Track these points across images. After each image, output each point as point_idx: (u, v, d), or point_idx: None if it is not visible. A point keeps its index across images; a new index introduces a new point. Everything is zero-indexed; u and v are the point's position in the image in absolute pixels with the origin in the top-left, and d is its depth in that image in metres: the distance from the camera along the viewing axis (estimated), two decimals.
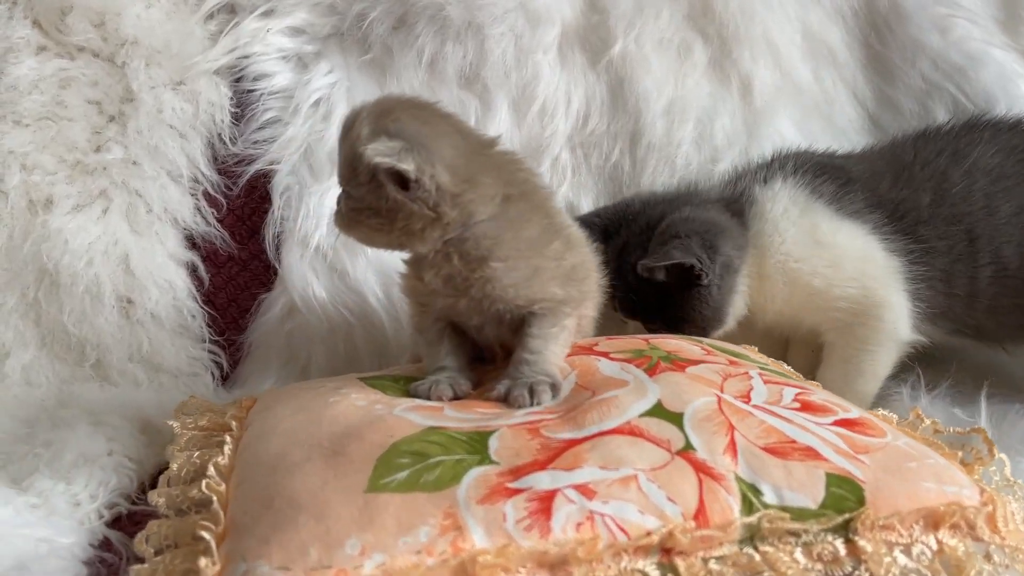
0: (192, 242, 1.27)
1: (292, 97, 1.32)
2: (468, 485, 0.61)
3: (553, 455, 0.65)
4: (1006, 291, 1.06)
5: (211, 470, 0.69)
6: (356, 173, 0.79)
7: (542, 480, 0.61)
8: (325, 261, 1.25)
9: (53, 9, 1.23)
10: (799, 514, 0.61)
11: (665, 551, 0.59)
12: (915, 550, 0.60)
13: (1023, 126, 1.11)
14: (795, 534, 0.60)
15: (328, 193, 1.26)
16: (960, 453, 0.74)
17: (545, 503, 0.59)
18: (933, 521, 0.62)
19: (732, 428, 0.68)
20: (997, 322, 1.09)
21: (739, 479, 0.63)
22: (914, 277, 1.05)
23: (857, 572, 0.59)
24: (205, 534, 0.60)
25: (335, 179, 1.24)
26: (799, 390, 0.78)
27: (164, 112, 1.25)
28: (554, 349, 0.82)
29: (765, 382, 0.79)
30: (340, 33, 1.35)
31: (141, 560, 0.63)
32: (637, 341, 0.90)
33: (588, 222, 1.13)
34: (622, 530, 0.58)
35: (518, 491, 0.60)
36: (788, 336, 1.18)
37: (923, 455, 0.69)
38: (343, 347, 1.24)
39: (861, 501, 0.62)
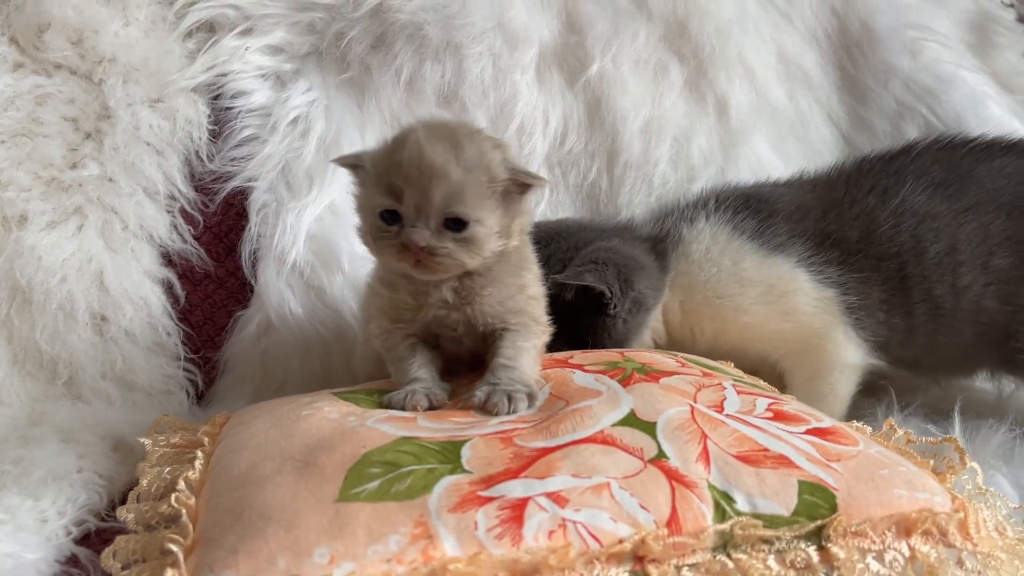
0: (168, 259, 1.26)
1: (270, 115, 1.32)
2: (440, 494, 0.60)
3: (526, 464, 0.64)
4: (941, 329, 1.04)
5: (181, 484, 0.68)
6: (486, 196, 0.78)
7: (514, 488, 0.61)
8: (302, 278, 1.25)
9: (30, 26, 1.23)
10: (772, 521, 0.61)
11: (638, 559, 0.58)
12: (888, 556, 0.60)
13: (955, 155, 1.08)
14: (768, 541, 0.60)
15: (305, 210, 1.26)
16: (932, 462, 0.75)
17: (517, 511, 0.59)
18: (905, 528, 0.62)
19: (705, 437, 0.68)
20: (933, 358, 1.09)
21: (712, 487, 0.63)
22: (851, 306, 1.04)
23: None
24: (173, 547, 0.59)
25: (312, 196, 1.26)
26: (772, 400, 0.79)
27: (141, 129, 1.25)
28: (527, 360, 0.82)
29: (738, 392, 0.79)
30: (319, 52, 1.36)
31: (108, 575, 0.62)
32: (612, 354, 0.90)
33: None
34: (594, 538, 0.58)
35: (490, 499, 0.60)
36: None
37: (895, 463, 0.69)
38: (320, 364, 1.23)
39: (834, 508, 0.62)
